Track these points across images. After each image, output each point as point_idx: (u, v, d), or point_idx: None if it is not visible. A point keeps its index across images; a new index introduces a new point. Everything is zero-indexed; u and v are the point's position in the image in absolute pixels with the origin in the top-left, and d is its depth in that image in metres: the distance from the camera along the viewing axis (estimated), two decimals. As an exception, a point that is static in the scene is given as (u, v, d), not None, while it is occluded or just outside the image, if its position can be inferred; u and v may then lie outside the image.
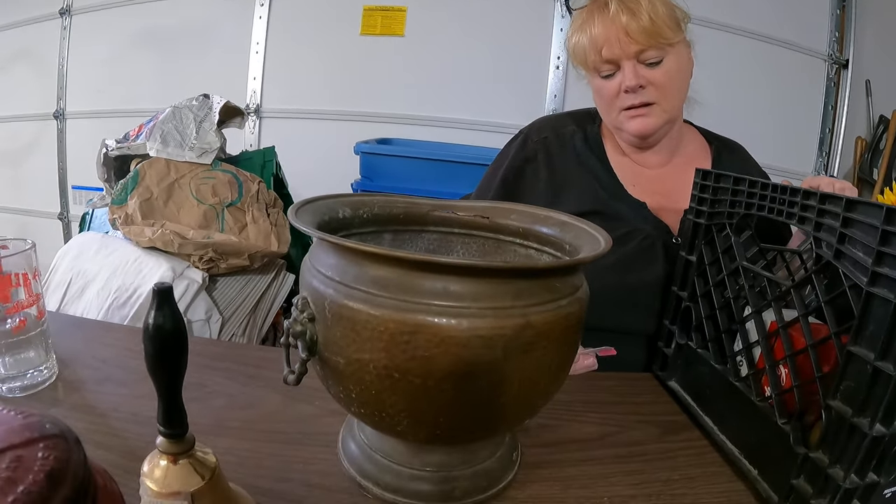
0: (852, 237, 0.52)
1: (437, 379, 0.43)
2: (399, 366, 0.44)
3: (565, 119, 1.12)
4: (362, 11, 2.49)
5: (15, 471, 0.23)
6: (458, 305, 0.43)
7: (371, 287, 0.44)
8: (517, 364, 0.45)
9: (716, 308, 0.73)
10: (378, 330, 0.43)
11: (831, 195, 0.55)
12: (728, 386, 0.68)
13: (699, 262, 0.77)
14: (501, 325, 0.43)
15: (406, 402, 0.46)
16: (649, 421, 0.73)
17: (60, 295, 1.55)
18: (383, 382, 0.45)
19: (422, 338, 0.42)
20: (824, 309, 0.55)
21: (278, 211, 1.53)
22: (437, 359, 0.43)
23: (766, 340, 0.63)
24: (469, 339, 0.43)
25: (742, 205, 0.70)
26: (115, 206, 1.51)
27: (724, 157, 1.08)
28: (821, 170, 2.51)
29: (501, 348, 0.43)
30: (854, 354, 0.50)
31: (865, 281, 0.49)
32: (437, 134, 2.48)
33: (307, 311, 0.48)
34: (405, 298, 0.43)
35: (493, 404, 0.47)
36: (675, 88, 0.98)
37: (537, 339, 0.45)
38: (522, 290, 0.44)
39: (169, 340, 0.40)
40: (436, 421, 0.47)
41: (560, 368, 0.50)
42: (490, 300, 0.43)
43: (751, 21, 2.40)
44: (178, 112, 1.56)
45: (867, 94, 2.50)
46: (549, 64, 2.42)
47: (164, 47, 2.69)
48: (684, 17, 0.98)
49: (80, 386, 0.71)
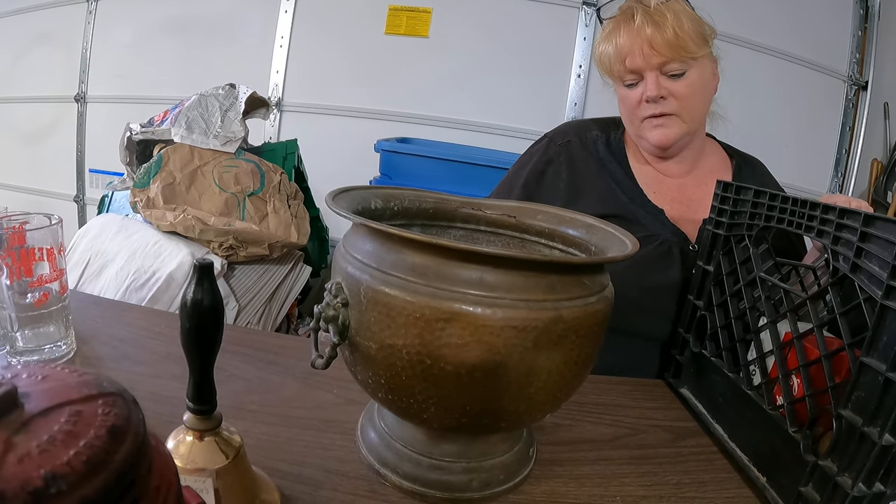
0: (869, 251, 0.53)
1: (468, 367, 0.45)
2: (432, 352, 0.45)
3: (590, 124, 1.13)
4: (388, 11, 2.51)
5: (75, 425, 0.23)
6: (494, 296, 0.44)
7: (408, 274, 0.45)
8: (546, 356, 0.46)
9: (731, 318, 0.74)
10: (413, 316, 0.44)
11: (850, 210, 0.57)
12: (740, 394, 0.69)
13: (716, 272, 0.79)
14: (534, 317, 0.45)
15: (436, 389, 0.47)
16: (661, 426, 0.75)
17: (78, 274, 1.57)
18: (415, 368, 0.46)
19: (456, 326, 0.44)
20: (839, 320, 0.56)
21: (299, 203, 1.55)
22: (470, 347, 0.44)
23: (780, 350, 0.65)
24: (503, 329, 0.44)
25: (762, 217, 0.71)
26: (137, 189, 1.53)
27: (745, 171, 1.09)
28: (836, 190, 2.51)
29: (533, 340, 0.45)
30: (866, 365, 0.51)
31: (880, 294, 0.50)
32: (456, 136, 2.49)
33: (341, 296, 0.50)
34: (442, 286, 0.44)
35: (520, 395, 0.48)
36: (696, 101, 0.99)
37: (567, 332, 0.46)
38: (555, 284, 0.46)
39: (207, 316, 0.41)
40: (462, 409, 0.48)
41: (585, 364, 0.51)
42: (524, 292, 0.45)
43: (772, 38, 2.41)
44: (204, 100, 1.58)
45: (885, 117, 2.50)
46: (571, 72, 2.44)
47: (187, 36, 2.70)
48: (711, 33, 1.00)
49: (97, 363, 0.72)
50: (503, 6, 2.45)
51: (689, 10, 0.97)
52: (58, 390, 0.25)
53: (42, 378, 0.26)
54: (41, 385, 0.25)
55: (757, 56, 2.41)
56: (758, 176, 1.10)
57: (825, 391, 0.57)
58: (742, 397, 0.69)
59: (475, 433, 0.55)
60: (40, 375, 0.26)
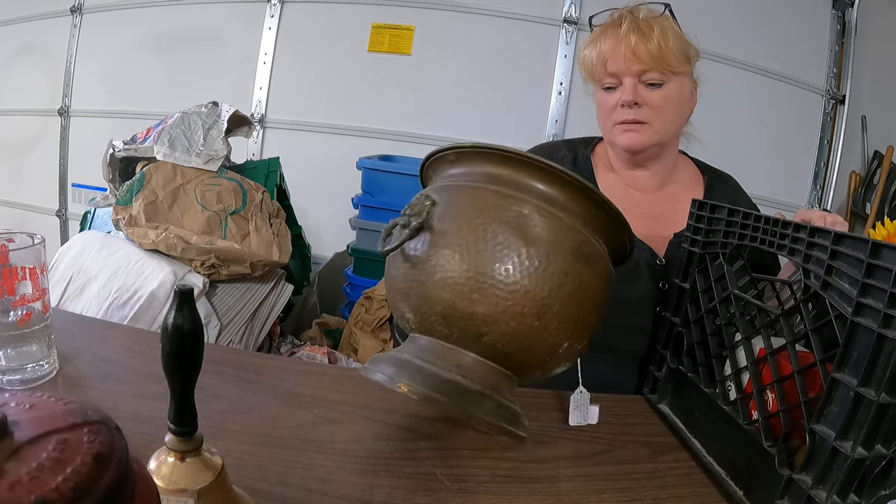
0: (839, 269, 0.55)
1: (531, 252, 0.57)
2: (504, 240, 0.57)
3: (560, 145, 1.16)
4: (371, 28, 2.53)
5: (63, 452, 0.24)
6: (550, 207, 0.60)
7: (491, 182, 0.61)
8: (578, 268, 0.59)
9: (707, 334, 0.75)
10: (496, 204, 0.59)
11: (821, 229, 0.58)
12: (717, 409, 0.70)
13: (692, 289, 0.80)
14: (577, 231, 0.60)
15: (504, 275, 0.56)
16: (640, 441, 0.75)
17: (60, 291, 1.56)
18: (494, 252, 0.56)
19: (524, 217, 0.58)
20: (811, 336, 0.58)
21: (281, 221, 1.55)
22: (533, 233, 0.58)
23: (755, 366, 0.66)
24: (559, 226, 0.59)
25: (735, 235, 0.73)
26: (120, 207, 1.52)
27: (717, 188, 1.11)
28: (815, 202, 2.55)
29: (571, 246, 0.59)
30: (838, 381, 0.52)
31: (850, 311, 0.52)
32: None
33: (430, 199, 0.61)
34: (517, 191, 0.60)
35: (552, 299, 0.58)
36: (670, 113, 1.01)
37: (590, 258, 0.60)
38: (588, 219, 0.62)
39: (187, 341, 0.41)
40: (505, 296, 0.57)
41: (591, 310, 0.62)
42: (568, 213, 0.60)
43: (751, 55, 2.46)
44: (187, 118, 1.58)
45: (863, 130, 2.56)
46: (552, 89, 2.47)
47: (172, 52, 2.71)
48: (695, 55, 1.02)
49: (80, 382, 0.72)
50: (485, 24, 2.49)
51: (677, 29, 1.00)
52: (45, 419, 0.26)
53: (29, 407, 0.27)
54: (29, 414, 0.27)
55: (735, 72, 2.46)
56: (730, 192, 1.12)
57: (798, 406, 0.58)
58: (719, 412, 0.70)
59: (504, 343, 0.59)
60: (28, 404, 0.28)
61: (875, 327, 0.49)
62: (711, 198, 1.08)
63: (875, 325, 0.49)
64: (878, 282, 0.50)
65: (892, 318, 0.48)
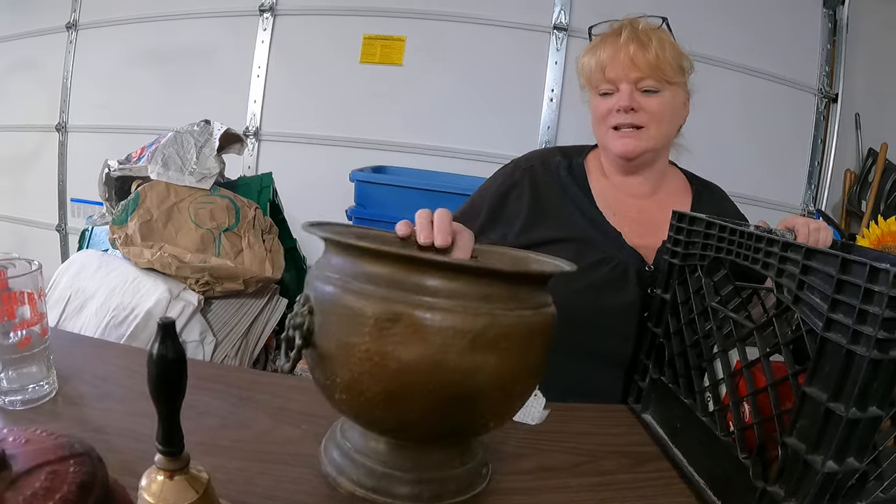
0: (811, 284, 0.55)
1: (410, 364, 0.51)
2: (378, 350, 0.51)
3: (554, 151, 1.18)
4: (362, 39, 2.54)
5: (52, 481, 0.29)
6: (433, 301, 0.51)
7: (365, 282, 0.52)
8: (483, 358, 0.52)
9: (686, 345, 0.76)
10: (365, 316, 0.51)
11: (793, 244, 0.59)
12: (696, 420, 0.71)
13: (673, 300, 0.81)
14: (471, 321, 0.51)
15: (383, 384, 0.52)
16: (622, 451, 0.76)
17: (60, 310, 1.57)
18: (364, 365, 0.52)
19: (401, 326, 0.50)
20: (783, 350, 0.59)
21: (273, 237, 1.56)
22: (411, 346, 0.50)
23: (731, 379, 0.67)
24: (441, 329, 0.50)
25: (713, 248, 0.74)
26: (116, 227, 1.54)
27: (705, 197, 1.13)
28: (809, 202, 2.55)
29: (469, 342, 0.51)
30: (808, 395, 0.53)
31: (821, 326, 0.52)
32: (432, 163, 2.51)
33: (308, 304, 0.56)
34: (390, 292, 0.51)
35: (461, 397, 0.53)
36: (665, 119, 1.04)
37: (501, 338, 0.52)
38: (490, 294, 0.52)
39: (171, 369, 0.44)
40: (409, 407, 0.54)
41: (524, 373, 0.57)
42: (461, 299, 0.51)
43: (741, 55, 2.46)
44: (180, 137, 1.60)
45: (856, 128, 2.56)
46: (544, 96, 2.47)
47: (167, 67, 2.72)
48: (690, 67, 1.06)
49: (79, 401, 0.74)
50: (476, 32, 2.49)
51: (673, 41, 1.04)
52: (38, 452, 0.32)
53: (25, 441, 0.33)
54: (24, 448, 0.32)
55: (727, 74, 2.46)
56: (717, 202, 1.13)
57: (772, 418, 0.59)
58: (698, 423, 0.71)
59: (425, 438, 0.59)
60: (23, 439, 0.33)
61: (844, 343, 0.50)
62: (699, 207, 1.10)
63: (844, 340, 0.50)
64: (847, 297, 0.50)
65: (860, 334, 0.49)
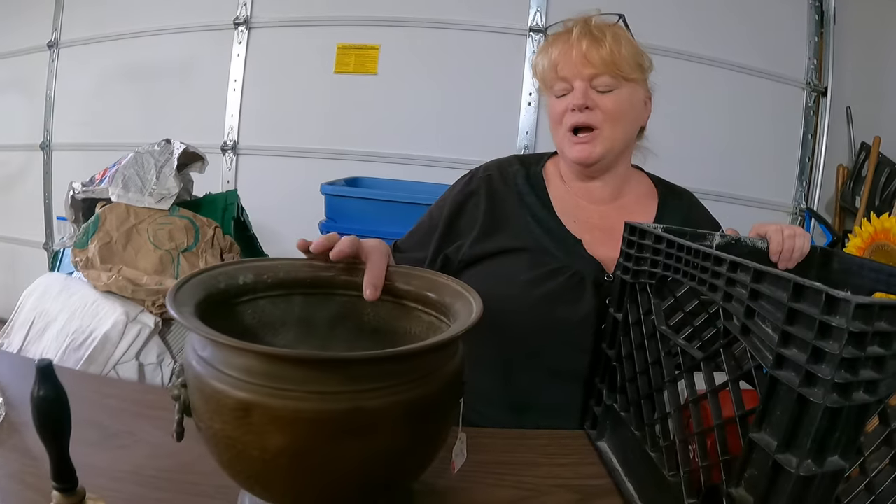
0: (761, 312, 0.47)
1: (272, 454, 0.45)
2: (240, 438, 0.46)
3: (512, 159, 1.13)
4: (336, 49, 2.50)
5: None
6: (285, 388, 0.44)
7: (224, 366, 0.47)
8: (352, 447, 0.46)
9: (637, 371, 0.70)
10: (221, 404, 0.46)
11: (741, 263, 0.51)
12: (646, 455, 0.65)
13: (625, 321, 0.75)
14: (329, 408, 0.45)
15: (251, 472, 0.48)
16: (569, 485, 0.70)
17: (23, 334, 1.56)
18: (230, 451, 0.48)
19: (255, 415, 0.45)
20: (730, 388, 0.51)
21: (234, 256, 1.52)
22: (269, 436, 0.45)
23: (679, 413, 0.60)
24: (296, 420, 0.44)
25: (661, 265, 0.68)
26: (78, 249, 1.51)
27: (670, 203, 1.07)
28: (801, 199, 2.49)
29: (330, 431, 0.45)
30: (756, 442, 0.46)
31: (770, 362, 0.44)
32: (411, 172, 2.46)
33: (182, 377, 0.52)
34: (244, 379, 0.45)
35: (333, 486, 0.48)
36: (622, 119, 0.98)
37: (371, 424, 0.46)
38: (354, 375, 0.45)
39: (53, 409, 0.45)
40: (287, 491, 0.49)
41: (407, 454, 0.50)
42: (317, 384, 0.44)
43: (726, 52, 2.40)
44: (140, 157, 1.56)
45: (848, 122, 2.49)
46: (522, 100, 2.43)
47: (146, 83, 2.70)
48: (649, 66, 1.01)
49: (20, 428, 0.72)
50: (451, 37, 2.45)
51: (630, 38, 0.99)
52: None
53: None
54: None
55: (712, 71, 2.40)
56: (684, 207, 1.08)
57: (719, 464, 0.52)
58: (647, 458, 0.65)
59: None
60: None
61: (796, 385, 0.42)
62: (664, 213, 1.05)
63: (797, 381, 0.42)
64: (800, 330, 0.42)
65: (815, 376, 0.40)
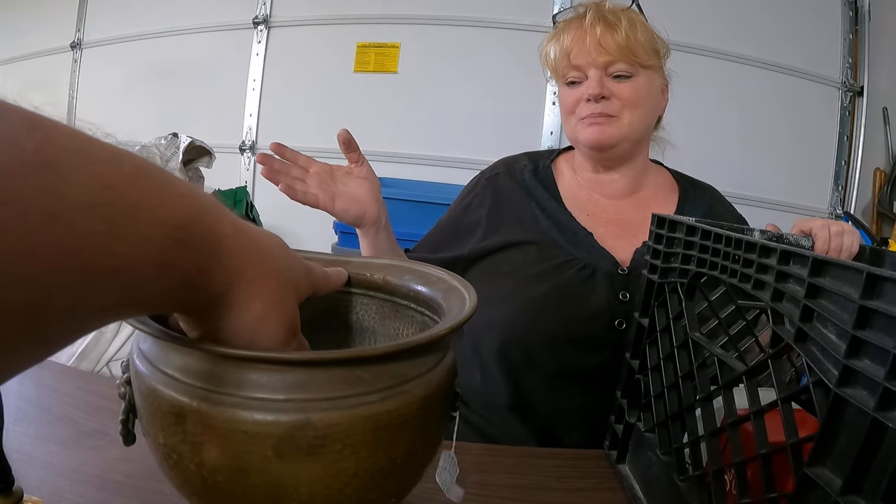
0: (822, 313, 0.37)
1: (209, 469, 0.37)
2: (175, 447, 0.38)
3: (521, 156, 1.09)
4: (356, 48, 2.47)
5: None
6: (221, 391, 0.35)
7: (164, 364, 0.38)
8: (301, 468, 0.36)
9: (665, 386, 0.61)
10: (155, 405, 0.38)
11: (796, 252, 0.41)
12: (673, 483, 0.56)
13: (651, 327, 0.66)
14: (269, 419, 0.35)
15: (193, 489, 0.39)
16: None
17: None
18: (168, 461, 0.39)
19: (189, 422, 0.36)
20: (780, 409, 0.41)
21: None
22: (204, 447, 0.36)
23: (714, 437, 0.51)
24: (231, 431, 0.35)
25: (695, 260, 0.59)
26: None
27: (691, 196, 1.02)
28: (837, 205, 2.37)
29: (272, 447, 0.35)
30: (812, 479, 0.36)
31: (836, 378, 0.34)
32: (431, 173, 2.41)
33: (128, 374, 0.43)
34: (180, 378, 0.36)
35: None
36: (641, 106, 0.93)
37: (325, 441, 0.36)
38: (304, 381, 0.36)
39: None
40: None
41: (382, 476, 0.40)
42: (258, 389, 0.35)
43: (759, 49, 2.31)
44: (146, 151, 1.52)
45: (885, 123, 2.38)
46: (546, 99, 2.35)
47: (166, 83, 2.71)
48: (666, 50, 0.97)
49: None
50: (472, 36, 2.39)
51: (645, 23, 0.95)
52: None
53: None
54: None
55: (742, 69, 2.31)
56: (706, 201, 1.02)
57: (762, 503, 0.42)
58: (674, 487, 0.56)
59: None
60: None
61: (870, 409, 0.31)
62: (685, 207, 0.99)
63: (871, 403, 0.31)
64: (876, 335, 0.32)
65: (895, 396, 0.30)
